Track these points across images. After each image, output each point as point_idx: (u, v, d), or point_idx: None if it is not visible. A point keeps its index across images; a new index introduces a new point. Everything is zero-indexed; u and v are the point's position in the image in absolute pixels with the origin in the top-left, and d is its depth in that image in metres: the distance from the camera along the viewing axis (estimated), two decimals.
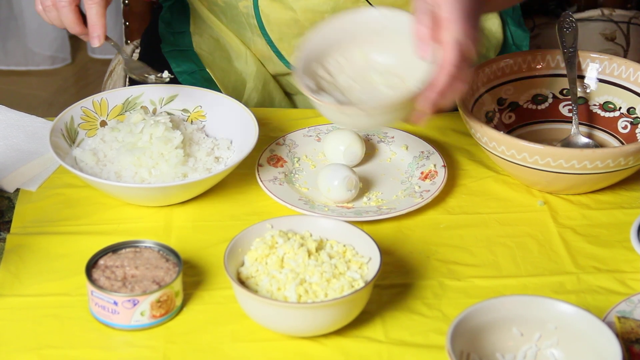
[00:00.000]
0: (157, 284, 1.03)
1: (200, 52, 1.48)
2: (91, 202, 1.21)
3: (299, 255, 1.05)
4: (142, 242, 1.08)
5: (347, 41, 1.18)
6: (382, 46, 1.18)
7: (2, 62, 2.84)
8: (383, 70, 1.16)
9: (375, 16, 1.17)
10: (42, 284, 1.09)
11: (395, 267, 1.12)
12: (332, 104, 1.11)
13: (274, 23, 1.40)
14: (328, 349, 1.02)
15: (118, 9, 2.78)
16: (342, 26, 1.17)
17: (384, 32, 1.17)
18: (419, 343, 1.02)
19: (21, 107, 1.41)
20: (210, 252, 1.13)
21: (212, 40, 1.49)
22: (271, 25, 1.41)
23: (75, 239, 1.15)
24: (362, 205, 1.21)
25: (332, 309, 0.99)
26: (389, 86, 1.16)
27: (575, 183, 1.20)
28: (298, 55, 1.15)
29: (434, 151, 1.28)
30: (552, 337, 0.98)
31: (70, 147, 1.25)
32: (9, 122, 1.33)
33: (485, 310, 0.97)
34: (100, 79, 1.83)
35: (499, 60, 1.32)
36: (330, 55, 1.18)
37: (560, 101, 1.34)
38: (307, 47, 1.16)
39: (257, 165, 1.25)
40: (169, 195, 1.19)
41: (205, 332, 1.03)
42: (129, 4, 1.84)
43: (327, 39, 1.17)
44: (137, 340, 1.02)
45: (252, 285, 1.04)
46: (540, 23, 1.76)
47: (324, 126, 1.32)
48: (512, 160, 1.19)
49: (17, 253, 1.13)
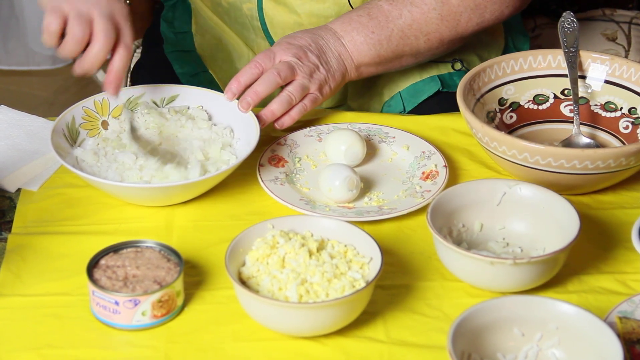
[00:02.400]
0: (159, 284, 1.03)
1: (202, 53, 1.48)
2: (92, 202, 1.21)
3: (300, 255, 1.05)
4: (143, 242, 1.08)
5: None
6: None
7: (3, 62, 2.84)
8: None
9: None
10: (44, 283, 1.09)
11: (396, 267, 1.12)
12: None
13: (277, 26, 1.40)
14: (329, 349, 1.02)
15: None
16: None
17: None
18: (420, 343, 1.02)
19: (22, 106, 1.41)
20: (211, 252, 1.13)
21: (214, 40, 1.49)
22: (275, 28, 1.41)
23: (77, 238, 1.15)
24: (363, 205, 1.21)
25: (333, 309, 0.99)
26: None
27: (577, 183, 1.20)
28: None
29: (435, 151, 1.28)
30: (553, 338, 0.98)
31: (72, 147, 1.25)
32: (11, 121, 1.33)
33: (487, 311, 0.97)
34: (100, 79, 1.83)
35: (500, 60, 1.32)
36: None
37: (561, 101, 1.34)
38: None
39: (258, 165, 1.25)
40: (170, 195, 1.19)
41: (207, 332, 1.03)
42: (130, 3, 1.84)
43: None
44: (139, 340, 1.02)
45: (253, 285, 1.04)
46: (541, 23, 1.76)
47: (325, 126, 1.32)
48: (514, 160, 1.19)
49: (19, 253, 1.13)
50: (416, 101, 1.41)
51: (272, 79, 1.25)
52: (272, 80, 1.25)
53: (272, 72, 1.25)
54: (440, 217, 1.11)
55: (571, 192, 1.22)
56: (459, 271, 1.08)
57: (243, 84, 1.27)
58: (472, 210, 1.15)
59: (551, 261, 1.06)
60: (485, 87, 1.31)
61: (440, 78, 1.41)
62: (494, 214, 1.15)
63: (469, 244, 1.14)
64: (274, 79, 1.25)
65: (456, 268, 1.08)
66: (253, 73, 1.27)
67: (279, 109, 1.26)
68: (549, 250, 1.10)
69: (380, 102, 1.45)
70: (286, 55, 1.28)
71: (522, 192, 1.14)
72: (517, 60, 1.33)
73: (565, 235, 1.08)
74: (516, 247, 1.14)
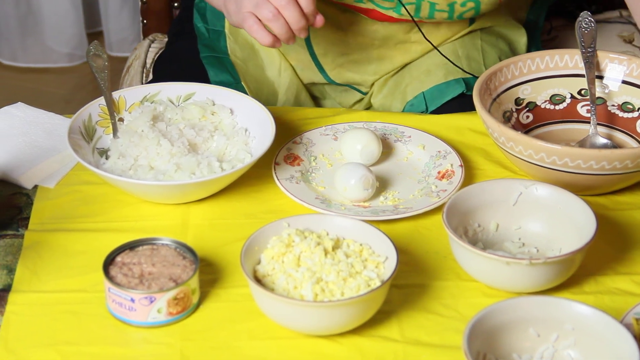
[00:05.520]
0: (174, 282, 1.04)
1: (235, 59, 1.47)
2: (109, 199, 1.21)
3: (315, 254, 1.05)
4: (159, 239, 1.09)
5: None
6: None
7: (20, 59, 2.85)
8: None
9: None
10: (60, 280, 1.09)
11: (411, 267, 1.12)
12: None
13: (321, 37, 1.41)
14: (344, 348, 1.02)
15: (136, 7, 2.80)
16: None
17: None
18: (435, 343, 1.02)
19: (39, 104, 1.41)
20: (226, 250, 1.13)
21: (247, 45, 1.48)
22: (318, 38, 1.42)
23: (93, 236, 1.16)
24: (378, 204, 1.21)
25: (348, 308, 0.99)
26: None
27: (593, 184, 1.19)
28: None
29: (451, 151, 1.27)
30: (569, 338, 0.98)
31: (88, 144, 1.25)
32: (28, 119, 1.34)
33: (502, 311, 0.97)
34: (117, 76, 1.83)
35: (516, 60, 1.32)
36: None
37: (578, 101, 1.34)
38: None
39: (274, 164, 1.25)
40: (186, 192, 1.19)
41: (222, 330, 1.04)
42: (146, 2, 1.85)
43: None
44: (154, 337, 1.03)
45: (268, 284, 1.04)
46: (557, 25, 1.75)
47: (340, 125, 1.32)
48: (530, 160, 1.19)
49: (35, 250, 1.13)
50: (439, 102, 1.41)
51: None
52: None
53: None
54: (456, 216, 1.11)
55: (588, 193, 1.22)
56: (475, 271, 1.08)
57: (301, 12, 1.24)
58: (488, 210, 1.14)
59: (567, 262, 1.05)
60: (502, 86, 1.31)
61: (465, 81, 1.42)
62: (510, 214, 1.15)
63: (484, 243, 1.14)
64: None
65: (472, 268, 1.08)
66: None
67: (300, 15, 1.23)
68: (565, 251, 1.10)
69: (403, 102, 1.45)
70: None
71: (538, 192, 1.14)
72: (533, 60, 1.32)
73: (581, 236, 1.08)
74: (532, 247, 1.13)
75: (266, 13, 1.22)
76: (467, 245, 1.05)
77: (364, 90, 1.50)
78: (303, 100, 1.50)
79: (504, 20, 1.50)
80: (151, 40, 1.78)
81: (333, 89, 1.51)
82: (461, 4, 1.35)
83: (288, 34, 1.23)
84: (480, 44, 1.46)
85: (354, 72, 1.46)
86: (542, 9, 1.60)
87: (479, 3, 1.35)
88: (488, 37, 1.48)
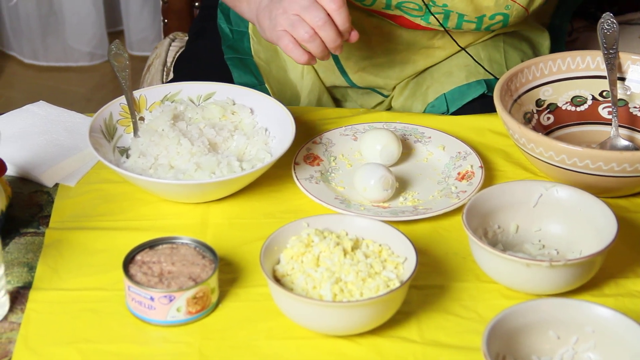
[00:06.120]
0: (193, 281, 1.04)
1: (258, 61, 1.47)
2: (129, 197, 1.22)
3: (334, 254, 1.05)
4: (178, 238, 1.09)
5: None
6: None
7: (42, 58, 2.87)
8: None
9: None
10: (80, 278, 1.10)
11: (431, 268, 1.12)
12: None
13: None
14: (363, 348, 1.02)
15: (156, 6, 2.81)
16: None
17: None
18: (455, 344, 1.02)
19: (60, 102, 1.42)
20: (246, 249, 1.14)
21: (270, 47, 1.48)
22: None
23: (113, 234, 1.16)
24: (398, 205, 1.21)
25: (367, 309, 0.99)
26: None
27: (614, 186, 1.19)
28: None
29: (471, 152, 1.27)
30: (589, 341, 0.97)
31: (109, 142, 1.26)
32: (49, 117, 1.34)
33: (522, 313, 0.97)
34: (137, 75, 1.84)
35: (538, 62, 1.31)
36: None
37: (599, 103, 1.33)
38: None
39: (294, 164, 1.25)
40: (205, 192, 1.19)
41: (241, 329, 1.04)
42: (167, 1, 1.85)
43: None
44: (173, 336, 1.03)
45: (287, 283, 1.04)
46: (578, 27, 1.74)
47: (360, 125, 1.32)
48: (551, 162, 1.18)
49: (56, 247, 1.14)
50: (460, 103, 1.41)
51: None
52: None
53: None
54: (476, 218, 1.11)
55: (609, 195, 1.21)
56: (494, 272, 1.08)
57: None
58: (508, 211, 1.14)
59: (588, 264, 1.05)
60: (523, 87, 1.30)
61: (487, 82, 1.41)
62: (530, 215, 1.14)
63: (504, 245, 1.13)
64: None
65: (491, 269, 1.08)
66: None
67: (335, 35, 1.23)
68: (585, 253, 1.09)
69: (424, 103, 1.45)
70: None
71: (558, 194, 1.14)
72: (555, 62, 1.32)
73: (602, 238, 1.08)
74: (552, 249, 1.13)
75: (302, 34, 1.20)
76: (486, 247, 1.05)
77: (385, 93, 1.50)
78: (325, 102, 1.50)
79: (528, 24, 1.50)
80: (172, 39, 1.79)
81: (354, 91, 1.51)
82: (490, 16, 1.35)
83: (324, 53, 1.22)
84: (502, 46, 1.46)
85: (376, 76, 1.46)
86: (567, 14, 1.59)
87: (508, 16, 1.35)
88: (511, 39, 1.48)
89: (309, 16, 1.19)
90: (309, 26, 1.20)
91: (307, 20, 1.20)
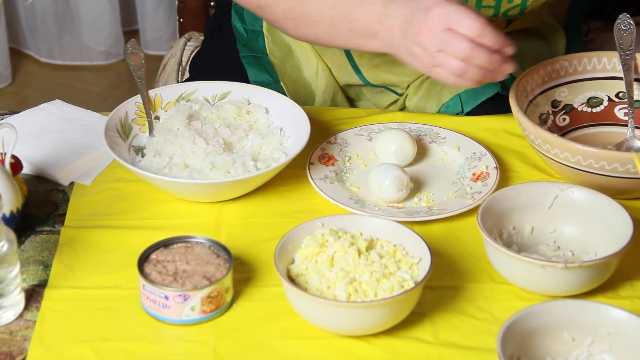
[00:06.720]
0: (208, 280, 1.04)
1: (273, 59, 1.47)
2: (144, 196, 1.22)
3: (349, 254, 1.05)
4: (193, 237, 1.09)
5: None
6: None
7: (57, 57, 2.88)
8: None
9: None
10: (95, 276, 1.10)
11: (445, 269, 1.12)
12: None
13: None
14: (377, 349, 1.02)
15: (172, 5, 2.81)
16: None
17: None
18: (469, 345, 1.02)
19: (75, 101, 1.43)
20: (260, 249, 1.14)
21: (285, 45, 1.48)
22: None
23: (128, 233, 1.16)
24: (412, 205, 1.21)
25: (381, 309, 0.99)
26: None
27: (630, 187, 1.18)
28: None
29: (486, 152, 1.27)
30: (604, 343, 0.97)
31: (124, 141, 1.26)
32: (65, 116, 1.35)
33: (537, 314, 0.96)
34: (153, 74, 1.84)
35: (553, 62, 1.31)
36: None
37: (615, 104, 1.33)
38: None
39: (308, 164, 1.25)
40: (220, 191, 1.19)
41: (255, 329, 1.04)
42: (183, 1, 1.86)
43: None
44: (188, 334, 1.03)
45: (302, 283, 1.04)
46: (595, 27, 1.74)
47: (375, 125, 1.32)
48: (566, 163, 1.18)
49: (71, 246, 1.14)
50: (474, 103, 1.40)
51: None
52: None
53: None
54: (491, 218, 1.10)
55: (624, 196, 1.21)
56: (509, 274, 1.07)
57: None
58: (523, 212, 1.14)
59: (603, 266, 1.05)
60: (539, 88, 1.30)
61: (501, 81, 1.41)
62: (545, 216, 1.14)
63: (519, 246, 1.13)
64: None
65: (506, 270, 1.07)
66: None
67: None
68: (600, 255, 1.09)
69: (438, 103, 1.45)
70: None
71: (574, 195, 1.13)
72: (571, 62, 1.31)
73: (617, 240, 1.07)
74: (567, 250, 1.13)
75: (453, 69, 1.14)
76: (501, 248, 1.05)
77: (399, 91, 1.49)
78: (339, 101, 1.49)
79: (544, 21, 1.49)
80: (187, 38, 1.79)
81: (368, 90, 1.51)
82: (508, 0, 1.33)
83: (487, 76, 1.17)
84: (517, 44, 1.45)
85: (390, 73, 1.46)
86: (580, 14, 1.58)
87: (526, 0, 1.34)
88: (526, 38, 1.47)
89: (452, 50, 1.14)
90: (456, 60, 1.14)
91: (451, 53, 1.15)
